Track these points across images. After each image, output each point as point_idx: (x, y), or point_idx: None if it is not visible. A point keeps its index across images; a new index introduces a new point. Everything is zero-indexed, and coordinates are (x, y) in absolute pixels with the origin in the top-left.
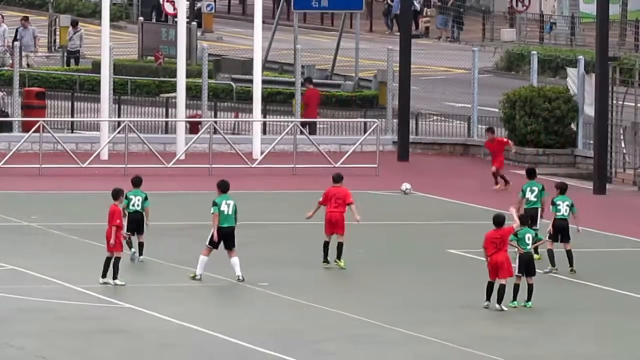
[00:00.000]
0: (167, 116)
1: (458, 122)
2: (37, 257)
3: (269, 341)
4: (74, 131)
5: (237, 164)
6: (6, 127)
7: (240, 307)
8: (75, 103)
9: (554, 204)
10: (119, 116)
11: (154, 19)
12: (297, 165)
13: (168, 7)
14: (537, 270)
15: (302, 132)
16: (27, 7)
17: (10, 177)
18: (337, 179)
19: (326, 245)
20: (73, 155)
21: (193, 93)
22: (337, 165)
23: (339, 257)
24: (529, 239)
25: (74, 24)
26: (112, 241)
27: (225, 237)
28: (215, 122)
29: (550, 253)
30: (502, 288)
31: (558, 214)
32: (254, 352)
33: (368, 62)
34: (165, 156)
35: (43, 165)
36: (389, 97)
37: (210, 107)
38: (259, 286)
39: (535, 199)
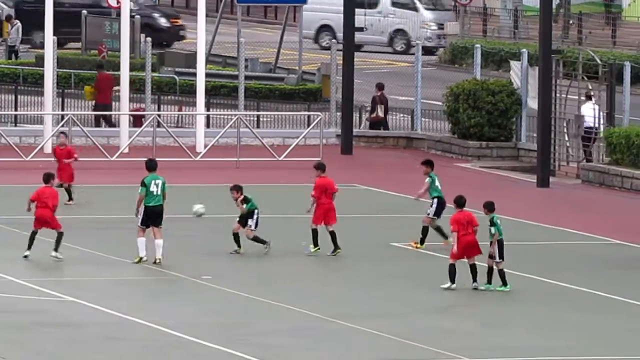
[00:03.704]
0: (110, 109)
1: (401, 115)
2: None
3: (212, 334)
4: (18, 124)
5: (181, 157)
6: None
7: (183, 300)
8: (18, 96)
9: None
10: (62, 109)
11: None
12: (240, 159)
13: (111, 0)
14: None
15: (246, 126)
16: None
17: None
18: (323, 168)
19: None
20: (16, 149)
21: (136, 86)
22: (280, 159)
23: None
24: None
25: (8, 18)
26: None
27: (154, 215)
28: (159, 115)
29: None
30: (474, 267)
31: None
32: (197, 345)
33: (311, 56)
34: (108, 149)
35: None
36: (333, 90)
37: (153, 101)
38: (202, 279)
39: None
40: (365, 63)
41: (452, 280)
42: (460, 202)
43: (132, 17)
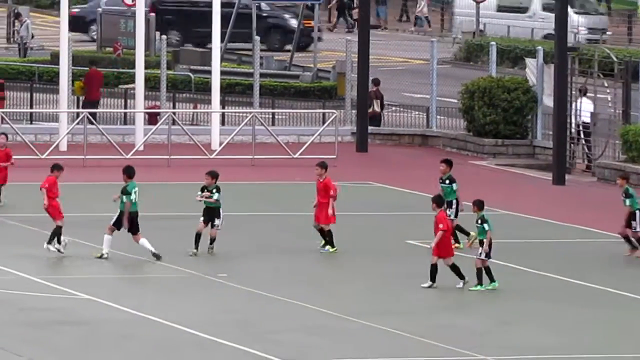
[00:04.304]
0: (125, 107)
1: (417, 113)
2: None
3: (228, 332)
4: (33, 122)
5: (196, 155)
6: None
7: (199, 298)
8: (34, 94)
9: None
10: (77, 107)
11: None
12: (255, 156)
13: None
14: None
15: (261, 123)
16: None
17: None
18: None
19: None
20: (32, 147)
21: (152, 84)
22: (295, 157)
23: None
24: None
25: (17, 16)
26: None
27: (133, 222)
28: (174, 113)
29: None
30: (455, 265)
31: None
32: (213, 343)
33: (327, 53)
34: (124, 147)
35: None
36: (348, 88)
37: (168, 98)
38: (218, 277)
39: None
40: (380, 61)
41: (433, 279)
42: (441, 202)
43: (147, 14)
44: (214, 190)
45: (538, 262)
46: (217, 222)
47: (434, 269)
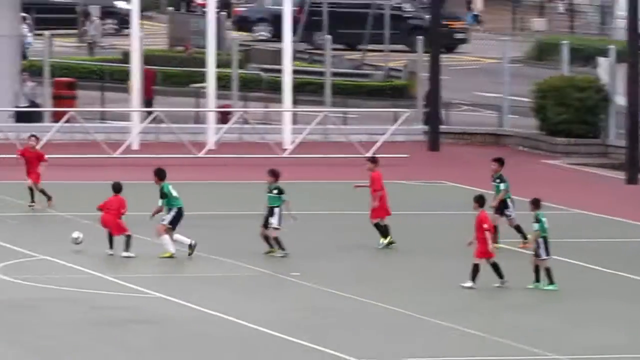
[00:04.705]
0: (197, 106)
1: (489, 112)
2: (68, 247)
3: (300, 330)
4: (105, 121)
5: (267, 154)
6: (37, 117)
7: (272, 297)
8: (105, 93)
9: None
10: (149, 106)
11: (183, 9)
12: (327, 155)
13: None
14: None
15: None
16: None
17: None
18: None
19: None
20: (104, 145)
21: (223, 83)
22: (367, 155)
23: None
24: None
25: (86, 15)
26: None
27: (182, 217)
28: (246, 112)
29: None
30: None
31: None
32: (285, 341)
33: (399, 53)
34: (195, 146)
35: (74, 155)
36: (420, 87)
37: (240, 97)
38: (291, 276)
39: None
40: (451, 60)
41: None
42: (482, 201)
43: (217, 13)
44: (275, 190)
45: (609, 260)
46: (271, 221)
47: (475, 269)
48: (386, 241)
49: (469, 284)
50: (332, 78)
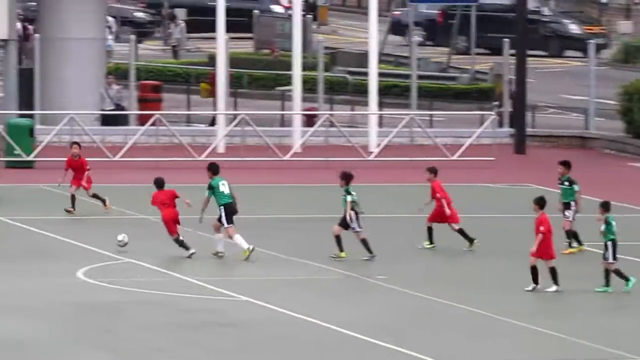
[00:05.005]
0: (283, 109)
1: (575, 114)
2: (153, 250)
3: (385, 333)
4: (190, 124)
5: (354, 156)
6: (122, 120)
7: (357, 300)
8: (191, 96)
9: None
10: (235, 109)
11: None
12: (412, 158)
13: (283, 0)
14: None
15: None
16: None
17: (126, 170)
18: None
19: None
20: (190, 149)
21: (309, 86)
22: (453, 158)
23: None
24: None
25: (172, 18)
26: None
27: (232, 212)
28: (331, 114)
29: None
30: (554, 269)
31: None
32: (370, 344)
33: (484, 55)
34: (281, 149)
35: (159, 159)
36: (506, 89)
37: (326, 100)
38: (376, 279)
39: None
40: (537, 62)
41: (535, 281)
42: (543, 203)
43: (303, 16)
44: (344, 193)
45: None
46: (352, 225)
47: (534, 271)
48: (430, 244)
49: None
50: (418, 81)
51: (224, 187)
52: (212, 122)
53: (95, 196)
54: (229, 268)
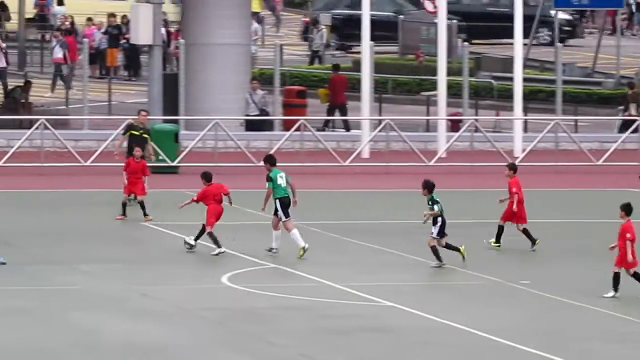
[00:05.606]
0: (427, 114)
1: None
2: (297, 256)
3: (531, 339)
4: (335, 130)
5: (499, 161)
6: (267, 125)
7: (501, 305)
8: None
9: None
10: (380, 114)
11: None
12: (558, 163)
13: (428, 5)
14: None
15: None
16: (286, 6)
17: None
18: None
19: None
20: (334, 154)
21: (453, 91)
22: (598, 163)
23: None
24: None
25: (314, 22)
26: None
27: (286, 205)
28: (476, 119)
29: None
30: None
31: None
32: (514, 349)
33: (629, 60)
34: (426, 154)
35: (304, 164)
36: None
37: (471, 105)
38: (520, 284)
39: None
40: None
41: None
42: (629, 210)
43: (449, 20)
44: (430, 202)
45: None
46: (432, 229)
47: (616, 278)
48: (495, 243)
49: (611, 293)
50: (563, 86)
51: (281, 180)
52: (325, 125)
53: (142, 205)
54: (372, 273)
